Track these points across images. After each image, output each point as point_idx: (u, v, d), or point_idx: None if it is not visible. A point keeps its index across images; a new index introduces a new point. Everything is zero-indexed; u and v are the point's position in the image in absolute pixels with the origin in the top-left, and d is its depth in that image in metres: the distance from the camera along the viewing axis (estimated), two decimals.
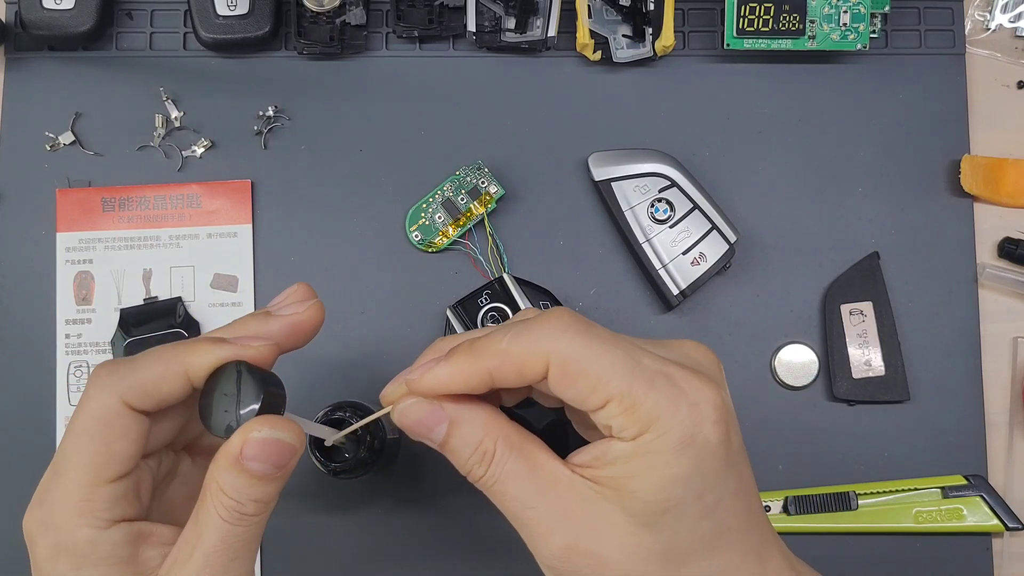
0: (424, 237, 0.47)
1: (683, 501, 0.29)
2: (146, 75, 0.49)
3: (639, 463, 0.29)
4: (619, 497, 0.29)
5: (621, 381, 0.29)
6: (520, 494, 0.30)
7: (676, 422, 0.28)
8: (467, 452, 0.31)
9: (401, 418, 0.32)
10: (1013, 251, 0.48)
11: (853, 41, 0.48)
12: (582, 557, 0.29)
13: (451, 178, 0.47)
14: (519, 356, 0.30)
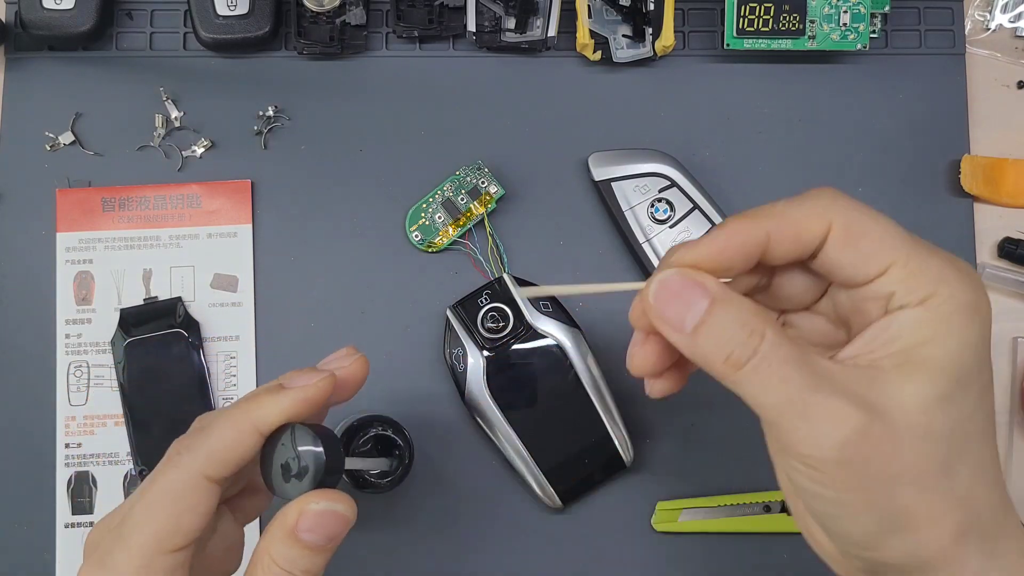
0: (424, 237, 0.47)
1: (972, 371, 0.27)
2: (146, 75, 0.49)
3: (931, 328, 0.27)
4: (910, 371, 0.27)
5: (904, 245, 0.28)
6: (795, 377, 0.27)
7: (965, 286, 0.27)
8: (731, 334, 0.28)
9: (658, 291, 0.29)
10: (1013, 251, 0.48)
11: (853, 41, 0.48)
12: (863, 445, 0.26)
13: (451, 178, 0.47)
14: (798, 218, 0.29)
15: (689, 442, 0.46)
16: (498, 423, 0.43)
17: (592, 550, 0.46)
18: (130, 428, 0.46)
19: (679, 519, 0.45)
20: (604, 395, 0.44)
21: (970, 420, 0.27)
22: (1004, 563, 0.27)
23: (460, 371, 0.44)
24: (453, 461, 0.46)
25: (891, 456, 0.27)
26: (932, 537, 0.27)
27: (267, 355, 0.47)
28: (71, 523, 0.45)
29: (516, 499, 0.46)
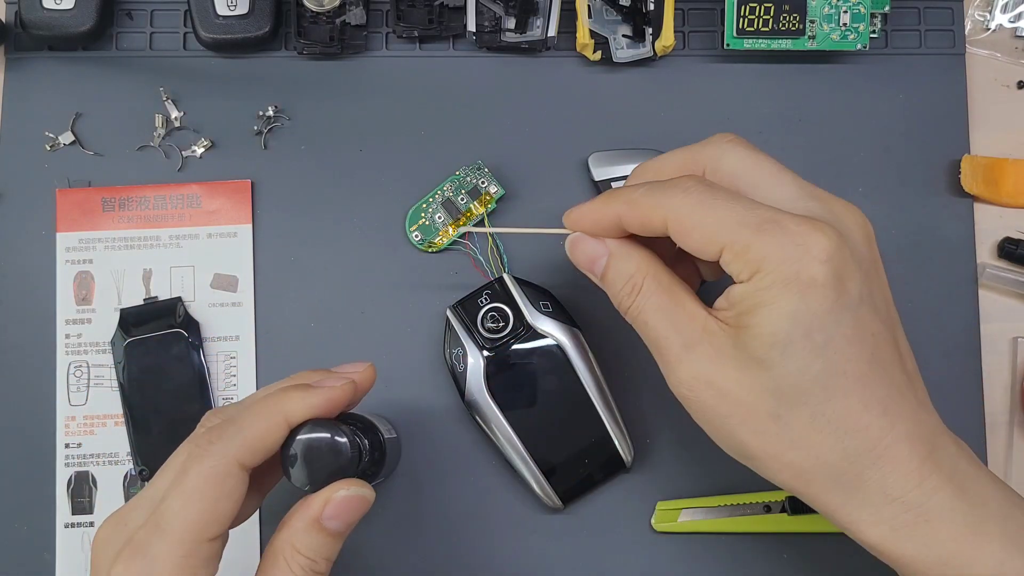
0: (424, 237, 0.47)
1: (791, 337, 0.31)
2: (146, 75, 0.49)
3: (752, 300, 0.32)
4: (737, 334, 0.33)
5: (731, 230, 0.32)
6: (659, 323, 0.35)
7: (781, 260, 0.31)
8: (620, 283, 0.36)
9: (571, 247, 0.38)
10: (1013, 251, 0.48)
11: (853, 41, 0.48)
12: (705, 387, 0.33)
13: (451, 178, 0.47)
14: (642, 209, 0.34)
15: (689, 442, 0.46)
16: (498, 423, 0.43)
17: (592, 550, 0.46)
18: (130, 428, 0.46)
19: (679, 519, 0.45)
20: (604, 395, 0.44)
21: (800, 376, 0.31)
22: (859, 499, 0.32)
23: (460, 371, 0.44)
24: (453, 461, 0.46)
25: (720, 400, 0.33)
26: (775, 470, 0.33)
27: (267, 355, 0.47)
28: (71, 523, 0.45)
29: (516, 499, 0.46)
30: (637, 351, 0.47)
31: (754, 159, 0.35)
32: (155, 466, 0.45)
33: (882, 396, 0.32)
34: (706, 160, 0.36)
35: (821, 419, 0.32)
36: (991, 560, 0.31)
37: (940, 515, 0.31)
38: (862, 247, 0.33)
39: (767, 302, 0.32)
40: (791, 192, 0.34)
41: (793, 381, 0.32)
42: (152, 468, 0.45)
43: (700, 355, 0.33)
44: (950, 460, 0.32)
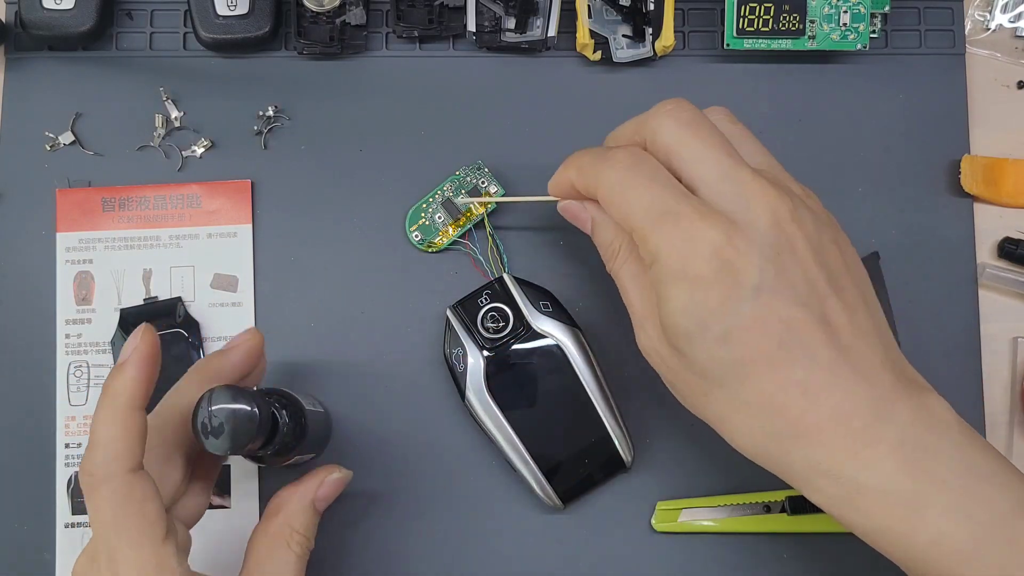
0: (424, 237, 0.47)
1: (689, 330, 0.33)
2: (146, 75, 0.49)
3: (656, 291, 0.34)
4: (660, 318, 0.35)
5: (637, 217, 0.34)
6: (630, 290, 0.37)
7: (670, 254, 0.33)
8: (603, 246, 0.39)
9: (562, 210, 0.40)
10: (1013, 251, 0.48)
11: (853, 41, 0.48)
12: (656, 357, 0.36)
13: (451, 178, 0.47)
14: (585, 177, 0.37)
15: (689, 442, 0.46)
16: (498, 423, 0.43)
17: (592, 550, 0.46)
18: None
19: (679, 519, 0.45)
20: (604, 395, 0.44)
21: (709, 363, 0.33)
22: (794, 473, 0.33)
23: (460, 371, 0.44)
24: (453, 461, 0.46)
25: (667, 371, 0.36)
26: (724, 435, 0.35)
27: (267, 355, 0.47)
28: (71, 523, 0.45)
29: (516, 499, 0.46)
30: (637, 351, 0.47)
31: (681, 136, 0.35)
32: None
33: (800, 377, 0.32)
34: (647, 131, 0.36)
35: (739, 400, 0.33)
36: (931, 530, 0.31)
37: (876, 487, 0.31)
38: (768, 232, 0.32)
39: (663, 296, 0.34)
40: (711, 173, 0.34)
41: (705, 367, 0.33)
42: None
43: (652, 329, 0.36)
44: (897, 430, 0.32)
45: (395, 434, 0.46)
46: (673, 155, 0.35)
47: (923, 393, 0.33)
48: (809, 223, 0.34)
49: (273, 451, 0.38)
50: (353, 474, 0.41)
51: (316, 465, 0.46)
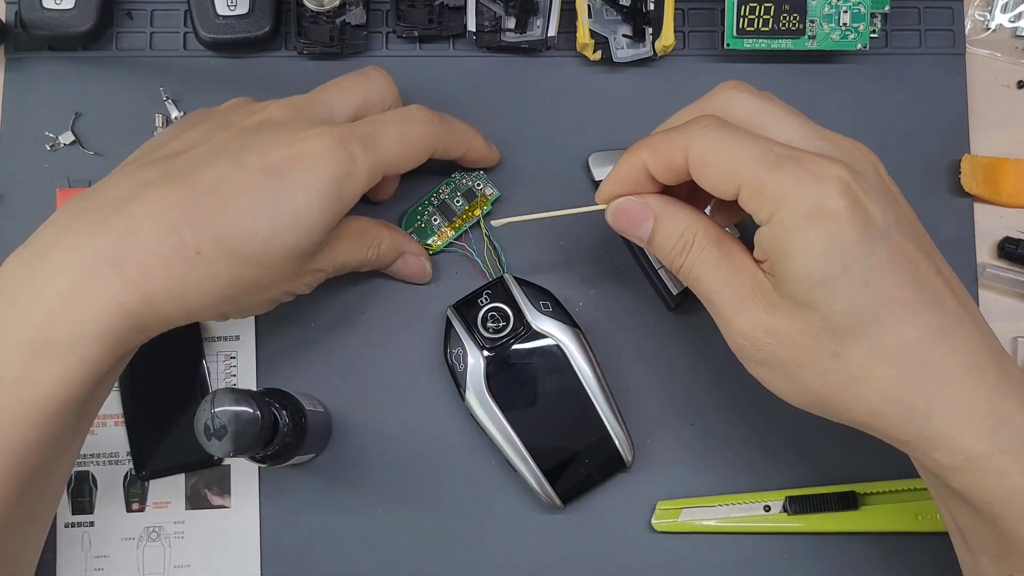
0: (420, 239, 0.47)
1: (830, 274, 0.31)
2: (146, 75, 0.49)
3: (780, 243, 0.32)
4: (777, 283, 0.33)
5: (747, 168, 0.32)
6: (712, 279, 0.35)
7: (800, 196, 0.31)
8: (671, 242, 0.36)
9: (614, 215, 0.37)
10: (1013, 251, 0.48)
11: (853, 41, 0.48)
12: (764, 335, 0.33)
13: (447, 180, 0.47)
14: (663, 150, 0.34)
15: (689, 442, 0.46)
16: (498, 423, 0.43)
17: (592, 550, 0.46)
18: (130, 428, 0.46)
19: (679, 519, 0.45)
20: (604, 395, 0.44)
21: (849, 312, 0.31)
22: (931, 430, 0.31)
23: (460, 371, 0.44)
24: (453, 461, 0.46)
25: (780, 347, 0.33)
26: (843, 408, 0.33)
27: (267, 355, 0.47)
28: (71, 523, 0.45)
29: (516, 499, 0.46)
30: (637, 351, 0.47)
31: (761, 102, 0.35)
32: (155, 466, 0.45)
33: (937, 323, 0.31)
34: (714, 109, 0.35)
35: (880, 351, 0.31)
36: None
37: (1014, 446, 0.31)
38: (876, 180, 0.33)
39: (793, 241, 0.31)
40: (800, 132, 0.34)
41: (844, 318, 0.31)
42: (152, 468, 0.45)
43: (754, 307, 0.33)
44: (1019, 388, 0.31)
45: (395, 434, 0.46)
46: (753, 122, 0.34)
47: None
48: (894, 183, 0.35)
49: (273, 451, 0.38)
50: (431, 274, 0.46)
51: (315, 465, 0.46)
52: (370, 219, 0.44)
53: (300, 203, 0.36)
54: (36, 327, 0.33)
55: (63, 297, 0.33)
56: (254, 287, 0.37)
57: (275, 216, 0.36)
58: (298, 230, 0.37)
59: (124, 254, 0.34)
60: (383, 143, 0.39)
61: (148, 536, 0.45)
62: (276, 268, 0.37)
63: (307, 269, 0.40)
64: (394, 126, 0.40)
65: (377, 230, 0.44)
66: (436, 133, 0.42)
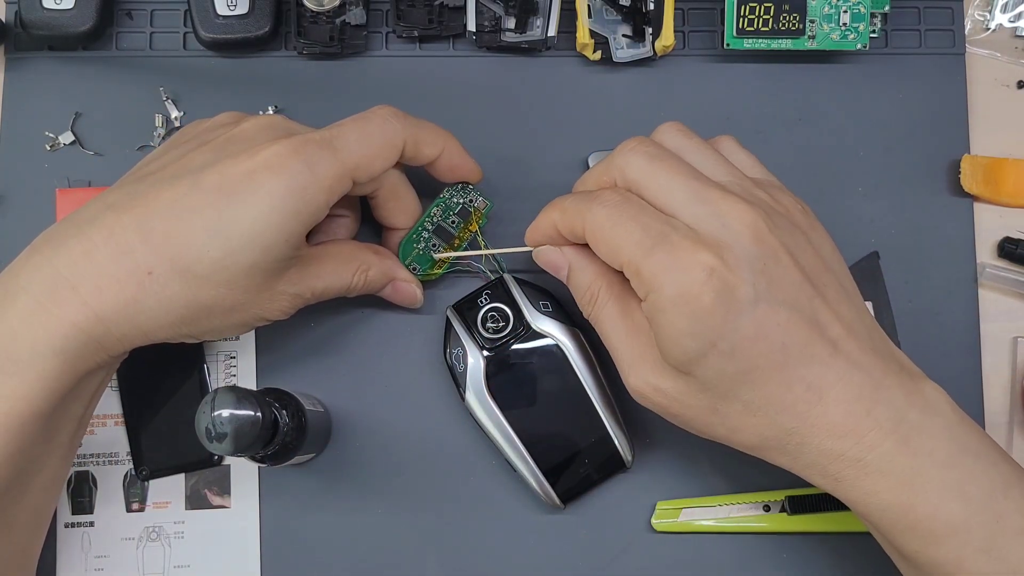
0: (421, 267, 0.45)
1: (698, 351, 0.34)
2: (146, 75, 0.49)
3: (653, 322, 0.35)
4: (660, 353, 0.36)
5: (626, 251, 0.35)
6: (612, 334, 0.38)
7: (668, 283, 0.34)
8: (580, 291, 0.40)
9: (537, 258, 0.41)
10: (1013, 251, 0.48)
11: (853, 41, 0.48)
12: (653, 392, 0.37)
13: (436, 201, 0.45)
14: (569, 217, 0.38)
15: (689, 442, 0.46)
16: (498, 423, 0.43)
17: (592, 550, 0.46)
18: (130, 428, 0.46)
19: (679, 519, 0.45)
20: (604, 395, 0.44)
21: (720, 378, 0.34)
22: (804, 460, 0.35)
23: (460, 371, 0.44)
24: (453, 461, 0.46)
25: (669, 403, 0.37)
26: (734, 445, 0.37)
27: (267, 355, 0.47)
28: (71, 523, 0.45)
29: (516, 499, 0.46)
30: None
31: (648, 168, 0.36)
32: (155, 466, 0.45)
33: (803, 373, 0.34)
34: (615, 171, 0.38)
35: (752, 406, 0.35)
36: (926, 507, 0.33)
37: (880, 467, 0.34)
38: (750, 247, 0.34)
39: (664, 324, 0.34)
40: (680, 199, 0.35)
41: (716, 383, 0.35)
42: (152, 468, 0.45)
43: (644, 367, 0.37)
44: (894, 413, 0.34)
45: (395, 434, 0.46)
46: (643, 188, 0.36)
47: (914, 378, 0.36)
48: (785, 230, 0.36)
49: (274, 451, 0.38)
50: (422, 301, 0.46)
51: (316, 464, 0.46)
52: (357, 243, 0.44)
53: (252, 220, 0.36)
54: (1, 344, 0.35)
55: (24, 315, 0.35)
56: (215, 309, 0.37)
57: (228, 235, 0.35)
58: (253, 248, 0.36)
59: (80, 275, 0.35)
60: (343, 146, 0.38)
61: (148, 536, 0.45)
62: (238, 288, 0.37)
63: (279, 292, 0.39)
64: (354, 126, 0.39)
65: (365, 256, 0.43)
66: (400, 129, 0.40)
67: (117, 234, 0.35)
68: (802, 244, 0.36)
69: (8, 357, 0.34)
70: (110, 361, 0.37)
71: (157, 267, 0.35)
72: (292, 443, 0.39)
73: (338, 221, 0.44)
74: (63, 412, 0.37)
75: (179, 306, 0.36)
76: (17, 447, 0.35)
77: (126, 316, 0.35)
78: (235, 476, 0.46)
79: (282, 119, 0.40)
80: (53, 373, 0.35)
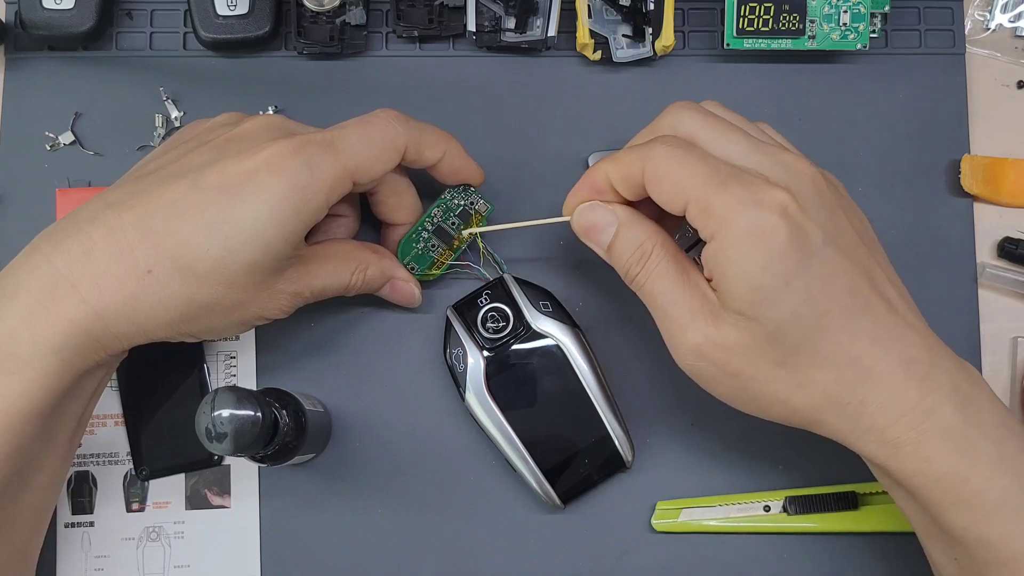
0: (420, 267, 0.45)
1: (772, 288, 0.33)
2: (146, 75, 0.49)
3: (724, 259, 0.34)
4: (724, 298, 0.34)
5: (696, 185, 0.34)
6: (667, 292, 0.36)
7: (743, 217, 0.33)
8: (629, 252, 0.37)
9: (580, 217, 0.39)
10: (1013, 251, 0.48)
11: (853, 41, 0.48)
12: (714, 349, 0.35)
13: (438, 202, 0.45)
14: (625, 163, 0.36)
15: (689, 442, 0.46)
16: (498, 423, 0.43)
17: (592, 550, 0.46)
18: (130, 428, 0.46)
19: (679, 519, 0.45)
20: (604, 395, 0.44)
21: (793, 322, 0.33)
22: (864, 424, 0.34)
23: (460, 371, 0.44)
24: (453, 461, 0.46)
25: (730, 359, 0.35)
26: (788, 413, 0.35)
27: (267, 355, 0.47)
28: (71, 523, 0.45)
29: (516, 499, 0.46)
30: (637, 351, 0.47)
31: (707, 120, 0.36)
32: (155, 466, 0.45)
33: (867, 325, 0.34)
34: (667, 129, 0.37)
35: (820, 357, 0.34)
36: (979, 479, 0.33)
37: (939, 432, 0.33)
38: (814, 196, 0.35)
39: (736, 258, 0.33)
40: (741, 149, 0.35)
41: (788, 328, 0.34)
42: (152, 468, 0.45)
43: (704, 321, 0.35)
44: (949, 379, 0.34)
45: (395, 434, 0.46)
46: (699, 139, 0.36)
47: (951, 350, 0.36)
48: (836, 192, 0.36)
49: (273, 451, 0.38)
50: (420, 300, 0.45)
51: (316, 464, 0.46)
52: (356, 243, 0.44)
53: (252, 219, 0.36)
54: (1, 342, 0.35)
55: (23, 314, 0.35)
56: (215, 307, 0.37)
57: (228, 234, 0.35)
58: (253, 247, 0.36)
59: (79, 273, 0.35)
60: (344, 147, 0.38)
61: (148, 536, 0.45)
62: (238, 287, 0.37)
63: (278, 291, 0.39)
64: (356, 128, 0.39)
65: (364, 255, 0.43)
66: (402, 132, 0.40)
67: (117, 232, 0.36)
68: (851, 210, 0.37)
69: (7, 355, 0.34)
70: (109, 360, 0.37)
71: (157, 265, 0.35)
72: (292, 443, 0.39)
73: (338, 221, 0.44)
74: (62, 411, 0.37)
75: (179, 304, 0.36)
76: (16, 445, 0.35)
77: (125, 314, 0.35)
78: (235, 476, 0.46)
79: (283, 119, 0.40)
80: (52, 371, 0.35)
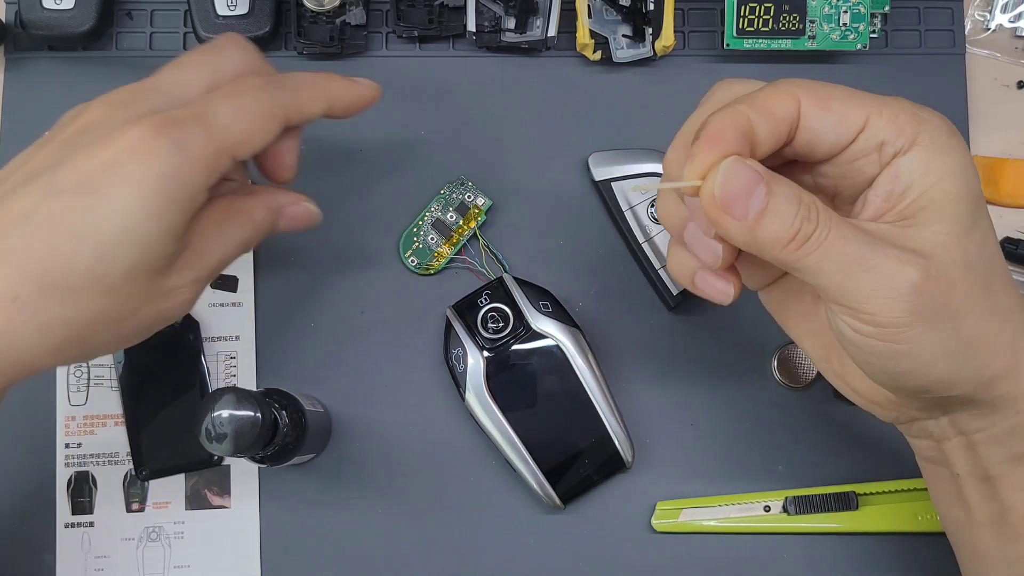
0: (420, 261, 0.46)
1: (978, 193, 0.29)
2: (146, 75, 0.49)
3: (938, 165, 0.29)
4: (936, 211, 0.29)
5: (870, 98, 0.29)
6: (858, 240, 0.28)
7: (937, 117, 0.30)
8: (793, 210, 0.28)
9: (725, 185, 0.28)
10: (1013, 251, 0.48)
11: (853, 41, 0.48)
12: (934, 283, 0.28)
13: (437, 197, 0.46)
14: (770, 99, 0.29)
15: (689, 442, 0.46)
16: (498, 423, 0.43)
17: (592, 550, 0.46)
18: (130, 428, 0.46)
19: (679, 519, 0.45)
20: (604, 395, 0.44)
21: (987, 241, 0.30)
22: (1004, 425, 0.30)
23: (460, 371, 0.44)
24: (453, 461, 0.46)
25: (949, 293, 0.28)
26: (995, 355, 0.30)
27: (267, 355, 0.47)
28: (71, 523, 0.45)
29: (516, 499, 0.46)
30: (637, 351, 0.47)
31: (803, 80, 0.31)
32: (155, 466, 0.45)
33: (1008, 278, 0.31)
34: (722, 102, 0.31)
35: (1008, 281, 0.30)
36: None
37: None
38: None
39: (953, 161, 0.29)
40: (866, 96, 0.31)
41: (988, 245, 0.30)
42: (152, 468, 0.45)
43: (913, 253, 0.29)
44: None
45: (395, 434, 0.46)
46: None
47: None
48: None
49: (273, 452, 0.38)
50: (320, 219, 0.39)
51: (316, 464, 0.46)
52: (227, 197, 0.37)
53: (123, 216, 0.30)
54: None
55: None
56: (100, 324, 0.32)
57: (97, 239, 0.30)
58: (130, 247, 0.31)
59: None
60: (216, 121, 0.33)
61: (148, 536, 0.45)
62: (122, 296, 0.32)
63: (172, 287, 0.33)
64: (226, 99, 0.34)
65: (241, 201, 0.36)
66: (278, 96, 0.35)
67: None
68: None
69: None
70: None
71: (22, 291, 0.30)
72: (292, 443, 0.39)
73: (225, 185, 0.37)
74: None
75: (57, 329, 0.31)
76: None
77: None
78: (235, 476, 0.46)
79: (129, 93, 0.34)
80: None
